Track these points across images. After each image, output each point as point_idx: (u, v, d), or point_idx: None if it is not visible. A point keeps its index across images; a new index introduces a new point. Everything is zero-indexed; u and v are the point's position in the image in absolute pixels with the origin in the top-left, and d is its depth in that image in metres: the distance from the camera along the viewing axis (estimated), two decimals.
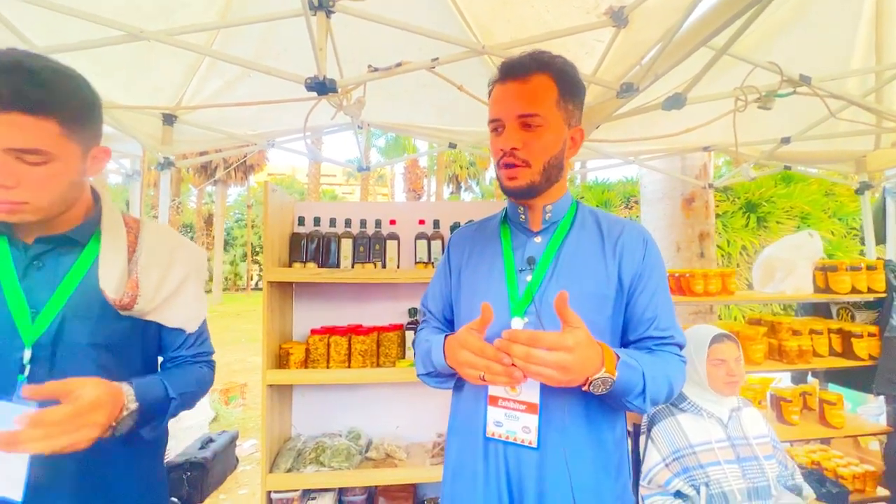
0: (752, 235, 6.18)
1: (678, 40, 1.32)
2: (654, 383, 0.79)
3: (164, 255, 0.91)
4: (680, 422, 1.46)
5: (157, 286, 0.88)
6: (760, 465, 1.40)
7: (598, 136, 2.32)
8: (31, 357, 0.76)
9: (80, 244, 0.83)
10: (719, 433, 1.44)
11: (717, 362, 1.47)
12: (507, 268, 0.90)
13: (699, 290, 2.04)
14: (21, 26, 1.44)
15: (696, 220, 3.16)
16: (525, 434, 0.82)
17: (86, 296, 0.81)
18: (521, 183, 0.84)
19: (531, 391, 0.82)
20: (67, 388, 0.68)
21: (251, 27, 1.81)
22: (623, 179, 8.52)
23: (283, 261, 1.96)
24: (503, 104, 0.84)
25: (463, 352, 0.75)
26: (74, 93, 0.76)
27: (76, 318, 0.80)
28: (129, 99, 1.97)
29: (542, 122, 0.82)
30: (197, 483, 2.84)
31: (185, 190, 24.85)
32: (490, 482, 0.84)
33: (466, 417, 0.90)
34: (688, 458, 1.40)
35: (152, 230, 0.93)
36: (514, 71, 0.84)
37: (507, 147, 0.83)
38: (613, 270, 0.86)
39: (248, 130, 2.48)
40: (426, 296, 1.06)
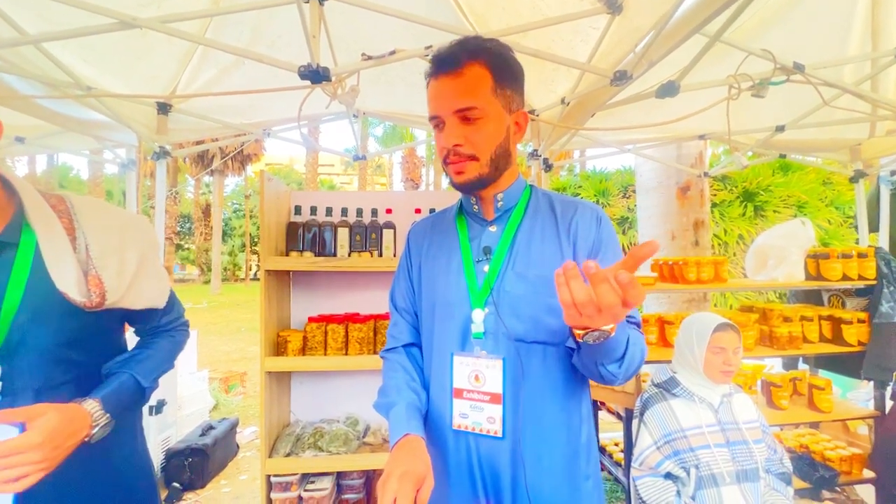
0: (749, 224, 6.20)
1: (672, 27, 1.32)
2: (632, 351, 0.77)
3: (112, 239, 0.85)
4: (672, 406, 1.50)
5: (118, 275, 0.83)
6: (749, 448, 1.44)
7: (593, 124, 2.32)
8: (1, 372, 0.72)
9: (13, 245, 0.76)
10: (710, 418, 1.47)
11: (716, 350, 1.48)
12: (464, 259, 0.89)
13: (692, 277, 2.06)
14: (12, 13, 1.43)
15: (691, 209, 3.17)
16: (490, 424, 0.83)
17: (38, 297, 0.76)
18: (469, 177, 0.83)
19: (494, 382, 0.83)
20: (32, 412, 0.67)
21: (243, 15, 1.80)
22: (621, 169, 8.50)
23: (280, 250, 1.97)
24: (439, 100, 0.81)
25: (385, 491, 0.68)
26: None
27: (34, 322, 0.75)
28: (124, 88, 1.97)
29: (481, 114, 0.80)
30: (198, 469, 2.89)
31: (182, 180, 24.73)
32: (461, 473, 0.85)
33: (434, 410, 0.90)
34: (679, 442, 1.43)
35: (87, 211, 0.85)
36: (445, 64, 0.80)
37: (449, 144, 0.81)
38: (569, 251, 0.85)
39: (243, 119, 2.48)
40: (393, 293, 1.03)
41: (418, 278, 0.97)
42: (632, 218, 7.77)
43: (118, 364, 0.87)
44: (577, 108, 2.03)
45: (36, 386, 0.76)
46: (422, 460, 0.74)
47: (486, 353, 0.84)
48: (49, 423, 0.68)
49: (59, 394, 0.77)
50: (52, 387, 0.78)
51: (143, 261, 0.89)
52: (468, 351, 0.86)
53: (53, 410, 0.70)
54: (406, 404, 0.85)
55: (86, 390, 0.80)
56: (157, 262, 0.95)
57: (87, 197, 0.91)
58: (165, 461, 2.86)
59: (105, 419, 0.78)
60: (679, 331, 1.62)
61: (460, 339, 0.86)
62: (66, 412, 0.72)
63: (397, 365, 0.95)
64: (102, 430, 0.78)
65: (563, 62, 1.63)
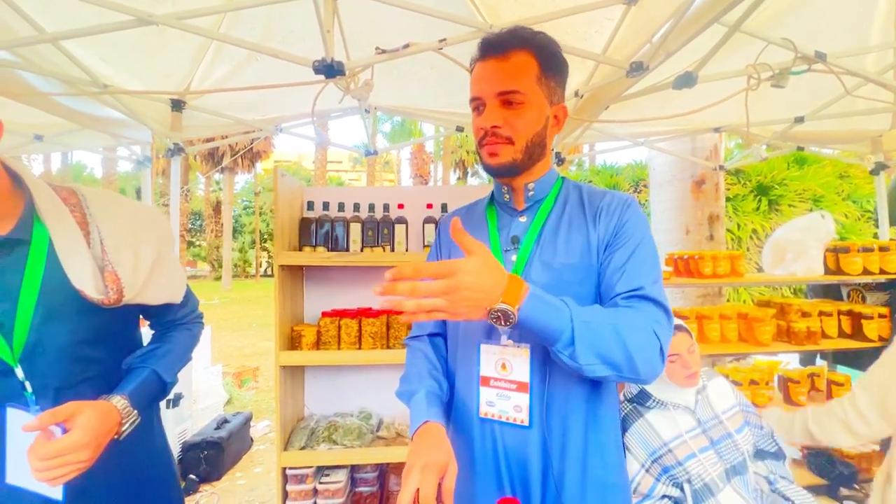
0: (763, 219, 6.10)
1: (690, 17, 1.30)
2: (589, 331, 0.70)
3: (126, 233, 0.83)
4: (650, 421, 1.42)
5: (134, 270, 0.81)
6: (734, 441, 1.39)
7: (607, 117, 2.30)
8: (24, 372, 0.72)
9: (25, 242, 0.74)
10: (689, 422, 1.40)
11: (673, 357, 1.40)
12: (492, 249, 0.89)
13: (707, 272, 2.03)
14: (31, 11, 1.45)
15: (706, 203, 3.13)
16: (517, 413, 0.83)
17: (54, 295, 0.75)
18: (503, 160, 0.83)
19: (521, 370, 0.83)
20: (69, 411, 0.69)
21: (255, 11, 1.80)
22: (632, 163, 8.41)
23: (293, 245, 1.98)
24: (483, 82, 0.82)
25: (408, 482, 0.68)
26: None
27: (51, 321, 0.75)
28: (139, 85, 1.99)
29: (524, 99, 0.80)
30: (214, 461, 2.94)
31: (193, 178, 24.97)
32: (486, 462, 0.85)
33: (461, 398, 0.91)
34: (665, 458, 1.36)
35: (100, 203, 0.83)
36: (493, 48, 0.82)
37: (488, 125, 0.81)
38: (594, 239, 0.84)
39: (255, 116, 2.49)
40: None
41: None
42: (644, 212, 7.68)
43: (139, 359, 0.87)
44: (590, 100, 2.01)
45: (56, 385, 0.76)
46: (443, 448, 0.74)
47: (512, 343, 0.84)
48: (91, 421, 0.69)
49: (78, 392, 0.77)
50: (72, 385, 0.78)
51: (160, 255, 0.87)
52: (494, 340, 0.86)
53: (90, 408, 0.71)
54: (426, 392, 0.86)
55: (105, 387, 0.80)
56: (173, 256, 0.94)
57: (99, 189, 0.89)
58: (182, 454, 2.91)
59: (133, 415, 0.79)
60: None
61: (486, 327, 0.87)
62: (101, 409, 0.73)
63: (420, 353, 0.96)
64: (131, 425, 0.79)
65: (578, 53, 1.61)
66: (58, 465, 0.66)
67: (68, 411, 0.69)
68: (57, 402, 0.72)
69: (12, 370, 0.72)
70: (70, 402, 0.70)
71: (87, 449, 0.68)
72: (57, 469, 0.66)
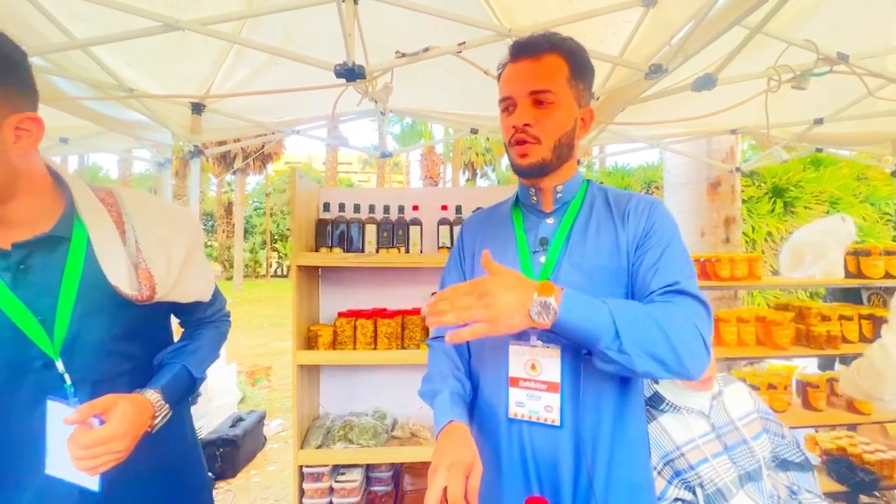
0: (778, 221, 6.02)
1: (711, 18, 1.30)
2: (631, 325, 0.70)
3: (160, 232, 0.85)
4: (663, 424, 1.41)
5: (166, 268, 0.83)
6: (749, 447, 1.37)
7: (623, 119, 2.29)
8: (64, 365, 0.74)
9: (66, 239, 0.76)
10: (702, 426, 1.38)
11: None
12: (520, 250, 0.90)
13: (725, 274, 2.02)
14: (62, 18, 1.49)
15: (722, 205, 3.10)
16: (547, 413, 0.83)
17: (92, 292, 0.77)
18: (533, 160, 0.84)
19: (551, 370, 0.84)
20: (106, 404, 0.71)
21: (276, 17, 1.83)
22: (644, 164, 8.34)
23: (309, 245, 2.01)
24: (515, 82, 0.84)
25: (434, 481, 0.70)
26: None
27: (89, 316, 0.77)
28: (161, 88, 2.03)
29: (554, 99, 0.82)
30: (229, 459, 2.98)
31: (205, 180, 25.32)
32: (513, 462, 0.86)
33: (488, 399, 0.91)
34: (677, 462, 1.36)
35: (135, 203, 0.86)
36: (526, 49, 0.84)
37: (520, 123, 0.83)
38: (623, 240, 0.85)
39: (272, 118, 2.53)
40: (443, 283, 1.05)
41: (471, 270, 0.98)
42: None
43: (170, 355, 0.90)
44: (606, 102, 2.01)
45: (93, 378, 0.78)
46: (468, 448, 0.75)
47: (541, 343, 0.85)
48: (127, 413, 0.71)
49: (114, 385, 0.79)
50: (108, 379, 0.80)
51: (190, 254, 0.89)
52: (524, 340, 0.86)
53: (126, 401, 0.73)
54: (450, 392, 0.87)
55: (139, 382, 0.82)
56: (202, 256, 0.96)
57: (135, 190, 0.92)
58: None
59: (166, 409, 0.81)
60: None
61: None
62: (136, 402, 0.75)
63: (442, 353, 0.97)
64: (163, 419, 0.81)
65: (595, 56, 1.59)
66: (97, 455, 0.68)
67: (105, 404, 0.71)
68: (94, 394, 0.74)
69: (53, 363, 0.73)
70: (107, 395, 0.72)
71: (124, 439, 0.70)
72: (96, 458, 0.68)
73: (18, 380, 0.72)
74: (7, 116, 0.66)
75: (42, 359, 0.73)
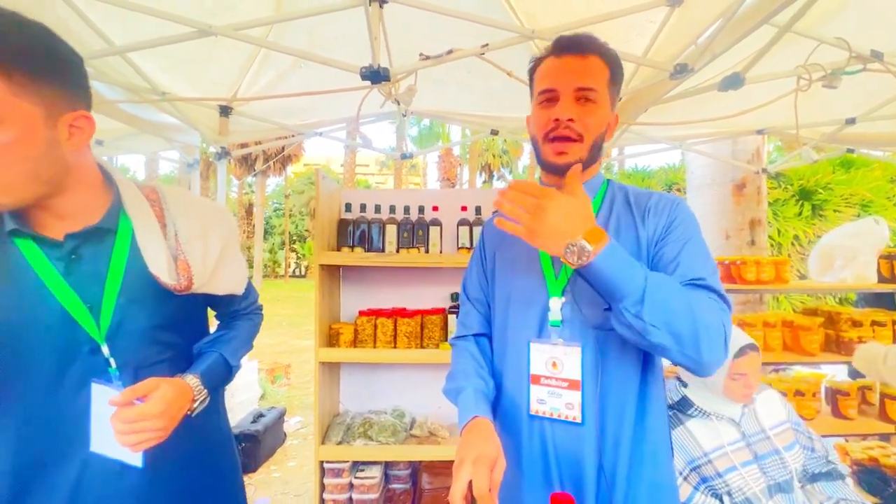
0: (805, 224, 5.84)
1: (739, 17, 1.28)
2: (660, 294, 0.70)
3: (198, 226, 0.89)
4: (690, 429, 1.37)
5: (202, 261, 0.87)
6: (781, 458, 1.32)
7: (645, 120, 2.27)
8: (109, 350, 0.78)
9: (112, 231, 0.81)
10: (732, 434, 1.34)
11: (737, 376, 1.34)
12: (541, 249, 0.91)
13: (751, 277, 1.98)
14: (101, 25, 1.56)
15: (748, 207, 3.03)
16: (569, 410, 0.84)
17: (135, 281, 0.80)
18: (570, 159, 0.84)
19: (572, 368, 0.84)
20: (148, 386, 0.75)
21: (301, 21, 1.88)
22: (665, 166, 8.21)
23: (331, 245, 2.04)
24: (560, 75, 0.84)
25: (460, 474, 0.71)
26: (18, 39, 0.65)
27: (132, 304, 0.80)
28: (191, 92, 2.10)
29: (598, 98, 0.83)
30: (250, 454, 3.04)
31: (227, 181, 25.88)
32: (534, 459, 0.86)
33: (509, 396, 0.92)
34: (704, 468, 1.32)
35: (176, 199, 0.90)
36: (572, 46, 0.85)
37: (564, 116, 0.82)
38: (644, 236, 0.85)
39: (296, 121, 2.58)
40: (465, 283, 1.06)
41: (492, 269, 0.99)
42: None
43: (207, 344, 0.94)
44: (629, 103, 1.99)
45: (135, 363, 0.82)
46: (493, 443, 0.76)
47: (563, 341, 0.85)
48: (166, 394, 0.75)
49: (155, 371, 0.82)
50: (149, 365, 0.83)
51: (225, 248, 0.93)
52: (545, 338, 0.87)
53: (166, 383, 0.77)
54: (474, 389, 0.88)
55: (178, 369, 0.86)
56: (237, 250, 1.00)
57: (176, 187, 0.96)
58: None
59: (204, 394, 0.85)
60: None
61: (537, 327, 0.88)
62: (176, 385, 0.78)
63: (466, 352, 0.98)
64: (201, 404, 0.85)
65: (621, 57, 1.61)
66: (138, 430, 0.72)
67: (147, 387, 0.75)
68: (136, 379, 0.77)
69: (99, 348, 0.77)
70: (149, 379, 0.76)
71: (163, 418, 0.74)
72: (137, 434, 0.72)
73: (67, 363, 0.76)
74: (62, 114, 0.70)
75: (89, 344, 0.77)
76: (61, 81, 0.69)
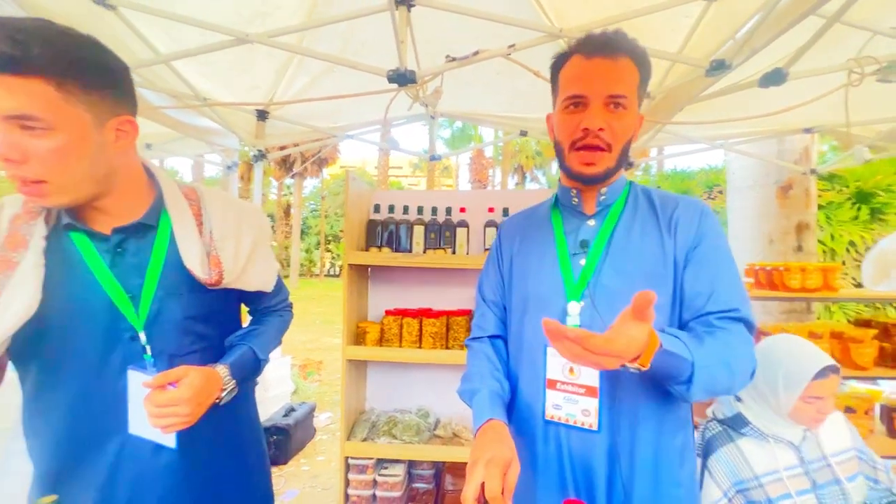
0: (862, 229, 5.44)
1: (781, 8, 1.21)
2: (706, 373, 0.72)
3: (231, 225, 0.94)
4: (741, 448, 1.26)
5: (234, 258, 0.92)
6: (843, 489, 1.20)
7: (683, 118, 2.18)
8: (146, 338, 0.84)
9: (154, 227, 0.86)
10: (790, 458, 1.22)
11: (811, 399, 1.21)
12: (559, 252, 0.89)
13: (794, 285, 1.86)
14: (149, 36, 1.66)
15: (794, 210, 2.85)
16: (584, 417, 0.82)
17: (172, 275, 0.86)
18: (598, 169, 0.82)
19: (589, 374, 0.82)
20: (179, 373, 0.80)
21: (333, 27, 1.93)
22: (706, 167, 7.87)
23: (360, 245, 2.08)
24: (590, 80, 0.80)
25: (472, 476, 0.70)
26: (70, 52, 0.69)
27: (169, 296, 0.85)
28: (230, 97, 2.20)
29: (628, 105, 0.80)
30: (281, 446, 3.14)
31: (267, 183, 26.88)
32: (549, 465, 0.85)
33: (525, 400, 0.91)
34: (754, 492, 1.21)
35: (213, 200, 0.95)
36: (602, 47, 0.80)
37: (595, 126, 0.79)
38: (670, 247, 0.82)
39: (329, 123, 2.66)
40: (481, 285, 1.05)
41: (509, 272, 0.98)
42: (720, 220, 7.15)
43: (238, 337, 0.99)
44: (663, 102, 1.93)
45: (170, 352, 0.87)
46: (507, 445, 0.76)
47: None
48: (195, 381, 0.80)
49: (188, 361, 0.87)
50: (183, 354, 0.88)
51: (256, 247, 0.98)
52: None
53: (195, 372, 0.81)
54: (489, 391, 0.87)
55: (210, 360, 0.91)
56: (268, 250, 1.04)
57: (215, 189, 1.02)
58: None
59: (232, 384, 0.89)
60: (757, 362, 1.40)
61: None
62: (205, 373, 0.83)
63: (481, 354, 0.97)
64: (230, 393, 0.89)
65: (652, 54, 1.55)
66: (166, 414, 0.77)
67: (178, 374, 0.80)
68: (170, 366, 0.83)
69: (138, 336, 0.83)
70: (180, 367, 0.81)
71: (189, 404, 0.78)
72: (166, 418, 0.77)
73: (110, 348, 0.82)
74: (109, 119, 0.75)
75: (130, 331, 0.83)
76: (108, 89, 0.75)
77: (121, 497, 0.82)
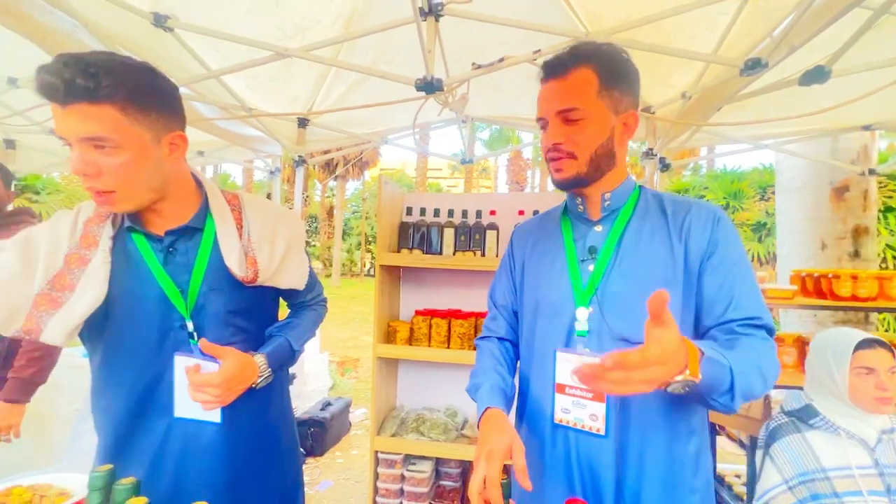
0: None
1: (821, 3, 1.16)
2: (744, 379, 0.71)
3: (268, 229, 1.03)
4: (808, 440, 1.26)
5: (269, 258, 1.00)
6: None
7: (722, 118, 2.10)
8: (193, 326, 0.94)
9: (200, 230, 0.96)
10: (863, 458, 1.21)
11: (862, 372, 1.22)
12: (569, 258, 0.90)
13: (844, 293, 1.75)
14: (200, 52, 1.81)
15: (850, 213, 2.65)
16: (592, 421, 0.83)
17: (215, 273, 0.95)
18: (567, 175, 0.86)
19: None
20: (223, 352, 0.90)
21: (368, 39, 2.02)
22: (758, 167, 7.43)
23: (392, 247, 2.15)
24: (544, 102, 0.87)
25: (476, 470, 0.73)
26: (130, 79, 0.78)
27: (212, 291, 0.95)
28: (273, 107, 2.34)
29: (583, 115, 0.82)
30: (318, 439, 3.28)
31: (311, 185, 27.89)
32: (557, 467, 0.86)
33: (535, 403, 0.92)
34: (818, 484, 1.20)
35: (253, 206, 1.04)
36: (552, 70, 0.86)
37: (550, 143, 0.86)
38: (680, 253, 0.82)
39: (365, 129, 2.76)
40: (493, 290, 1.07)
41: (521, 277, 1.01)
42: (770, 223, 6.73)
43: (276, 329, 1.08)
44: (699, 102, 1.87)
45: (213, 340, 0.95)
46: (505, 433, 0.78)
47: (588, 352, 0.85)
48: (230, 366, 0.89)
49: None
50: (223, 344, 0.96)
51: (289, 249, 1.07)
52: (572, 348, 0.87)
53: (233, 359, 0.90)
54: (490, 384, 0.91)
55: (248, 351, 0.99)
56: (301, 251, 1.13)
57: (256, 195, 1.12)
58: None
59: (268, 371, 0.98)
60: (810, 351, 1.36)
61: (564, 336, 0.88)
62: (242, 362, 0.92)
63: (487, 351, 1.01)
64: (265, 380, 0.98)
65: (685, 55, 1.53)
66: (201, 393, 0.88)
67: (223, 350, 0.91)
68: None
69: (185, 324, 0.93)
70: (226, 347, 0.91)
71: (220, 387, 0.88)
72: (201, 395, 0.88)
73: (163, 336, 0.94)
74: (164, 135, 0.86)
75: (179, 320, 0.94)
76: (163, 109, 0.85)
77: (168, 469, 0.92)
